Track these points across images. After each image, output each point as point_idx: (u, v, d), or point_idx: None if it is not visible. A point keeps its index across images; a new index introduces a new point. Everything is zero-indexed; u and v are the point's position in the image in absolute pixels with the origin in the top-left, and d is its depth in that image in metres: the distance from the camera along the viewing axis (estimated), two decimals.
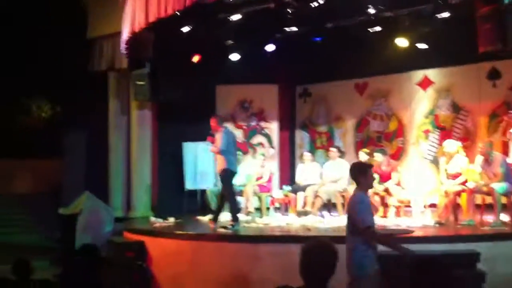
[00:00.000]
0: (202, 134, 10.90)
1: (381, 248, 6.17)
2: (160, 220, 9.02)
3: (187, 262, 7.24)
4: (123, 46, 9.30)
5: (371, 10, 8.66)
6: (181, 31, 8.70)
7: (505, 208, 7.40)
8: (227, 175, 7.95)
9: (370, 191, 8.54)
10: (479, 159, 7.65)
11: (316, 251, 3.06)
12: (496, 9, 6.92)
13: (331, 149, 9.77)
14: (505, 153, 8.14)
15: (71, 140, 11.96)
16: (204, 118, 11.27)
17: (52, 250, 9.66)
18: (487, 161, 7.52)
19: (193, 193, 10.96)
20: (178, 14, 7.77)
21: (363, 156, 9.31)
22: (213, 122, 8.19)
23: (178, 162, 10.86)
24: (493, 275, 5.78)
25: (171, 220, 8.99)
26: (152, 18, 7.99)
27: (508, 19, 6.76)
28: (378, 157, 8.97)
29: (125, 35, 8.91)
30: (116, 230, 9.28)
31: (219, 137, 7.98)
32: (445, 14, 8.36)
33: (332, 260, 3.05)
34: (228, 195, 8.03)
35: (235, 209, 7.98)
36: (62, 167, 12.08)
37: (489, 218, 7.48)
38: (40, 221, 11.72)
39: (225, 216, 8.44)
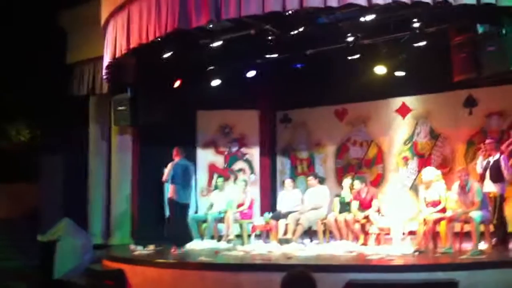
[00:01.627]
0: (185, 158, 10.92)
1: (358, 276, 6.22)
2: (141, 247, 8.93)
3: None
4: (104, 71, 9.30)
5: (350, 38, 8.82)
6: (163, 56, 8.74)
7: (483, 236, 7.48)
8: (171, 204, 8.95)
9: (350, 219, 8.66)
10: (456, 186, 7.75)
11: (294, 282, 3.10)
12: (470, 38, 7.10)
13: (309, 177, 9.81)
14: (482, 180, 8.25)
15: (50, 165, 11.83)
16: (185, 143, 11.33)
17: (30, 276, 9.49)
18: (464, 189, 7.61)
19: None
20: (159, 40, 7.80)
21: (346, 183, 9.35)
22: (174, 152, 9.13)
23: (159, 188, 10.79)
24: None
25: (152, 247, 8.91)
26: (133, 44, 8.00)
27: (481, 48, 6.93)
28: (357, 184, 9.04)
29: (106, 60, 8.91)
30: (95, 258, 9.16)
31: (168, 168, 8.93)
32: (422, 43, 8.55)
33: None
34: (171, 222, 8.98)
35: (176, 235, 8.81)
36: (40, 192, 11.93)
37: (467, 246, 7.54)
38: (18, 246, 11.52)
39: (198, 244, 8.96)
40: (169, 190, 9.02)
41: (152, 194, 10.83)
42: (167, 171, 8.90)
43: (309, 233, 9.38)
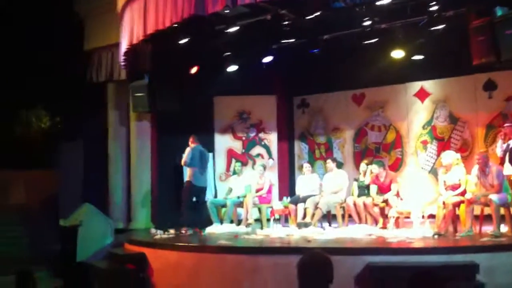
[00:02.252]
0: (201, 145, 10.97)
1: (377, 259, 6.24)
2: (161, 231, 9.03)
3: (187, 274, 7.25)
4: (121, 57, 9.36)
5: (367, 22, 8.76)
6: (179, 42, 8.76)
7: (503, 219, 7.45)
8: (187, 187, 9.37)
9: (369, 203, 8.66)
10: (475, 170, 7.71)
11: (311, 264, 3.15)
12: (488, 22, 7.02)
13: (328, 161, 9.82)
14: (502, 163, 8.20)
15: (70, 151, 11.98)
16: (202, 129, 11.40)
17: (52, 262, 9.65)
18: (484, 172, 7.57)
19: (193, 204, 10.98)
20: (176, 26, 7.83)
21: (363, 167, 9.35)
22: (190, 139, 9.58)
23: (178, 173, 10.88)
24: (493, 286, 5.81)
25: (172, 231, 9.01)
26: (150, 30, 8.04)
27: (500, 31, 6.84)
28: (375, 168, 9.03)
29: (124, 47, 8.97)
30: (117, 242, 9.29)
31: (186, 152, 9.40)
32: (440, 27, 8.47)
33: (327, 269, 3.13)
34: (183, 205, 9.27)
35: (186, 219, 9.12)
36: (61, 178, 12.09)
37: (488, 229, 7.52)
38: (39, 232, 11.70)
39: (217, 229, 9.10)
40: (186, 174, 9.40)
41: (171, 179, 10.94)
42: (186, 154, 9.35)
43: (328, 217, 9.41)
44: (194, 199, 9.57)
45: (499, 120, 9.69)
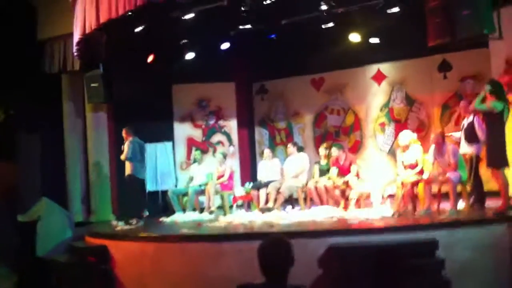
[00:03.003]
0: (160, 134, 10.87)
1: (339, 240, 6.31)
2: (122, 223, 8.91)
3: (150, 264, 7.17)
4: (74, 47, 9.13)
5: (324, 7, 8.78)
6: (134, 31, 8.60)
7: (460, 196, 7.63)
8: (131, 180, 9.19)
9: (330, 185, 8.75)
10: (432, 149, 7.85)
11: (270, 248, 3.17)
12: (444, 3, 7.10)
13: (288, 145, 9.89)
14: (458, 143, 8.38)
15: (27, 144, 11.64)
16: (161, 118, 11.28)
17: (11, 257, 9.42)
18: (440, 151, 7.72)
19: (154, 194, 10.88)
20: (130, 14, 7.67)
21: (322, 151, 9.42)
22: (124, 133, 9.38)
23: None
24: (452, 261, 5.94)
25: (133, 222, 8.90)
26: (103, 19, 7.86)
27: (456, 12, 6.94)
28: (334, 151, 9.13)
29: (77, 36, 8.75)
30: (77, 235, 9.12)
31: (126, 146, 9.19)
32: (396, 9, 8.55)
33: (287, 253, 3.15)
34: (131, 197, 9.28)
35: (133, 209, 9.14)
36: (18, 171, 11.77)
37: (446, 206, 7.69)
38: None
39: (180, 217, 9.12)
40: (127, 167, 9.26)
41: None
42: (127, 148, 9.17)
43: (290, 201, 9.46)
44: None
45: (454, 101, 9.91)
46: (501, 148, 6.83)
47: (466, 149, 7.88)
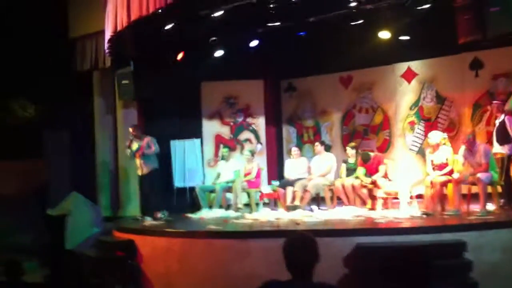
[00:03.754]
0: (189, 131, 10.93)
1: (366, 240, 6.27)
2: (150, 218, 9.00)
3: (177, 260, 7.24)
4: (106, 45, 9.26)
5: (353, 3, 8.72)
6: (164, 28, 8.67)
7: (490, 197, 7.50)
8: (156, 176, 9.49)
9: (357, 184, 8.69)
10: (462, 149, 7.73)
11: (296, 244, 3.16)
12: (473, 0, 6.99)
13: (316, 144, 9.82)
14: (490, 142, 8.24)
15: (56, 140, 11.88)
16: (190, 115, 11.35)
17: (40, 252, 9.61)
18: (471, 151, 7.59)
19: (182, 190, 10.96)
20: (160, 11, 7.74)
21: (350, 151, 9.35)
22: (136, 131, 9.56)
23: (166, 160, 10.84)
24: (480, 264, 5.85)
25: (163, 217, 9.00)
26: (134, 16, 7.96)
27: (486, 9, 6.83)
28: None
29: (108, 34, 8.87)
30: (106, 230, 9.26)
31: (153, 141, 9.44)
32: (426, 6, 8.44)
33: (312, 249, 3.14)
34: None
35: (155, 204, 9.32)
36: (48, 167, 12.00)
37: (475, 207, 7.56)
38: (27, 222, 11.63)
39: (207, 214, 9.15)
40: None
41: (160, 166, 10.86)
42: (153, 143, 9.44)
43: (317, 199, 9.43)
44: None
45: (485, 99, 9.71)
46: None
47: (498, 149, 7.75)
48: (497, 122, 7.85)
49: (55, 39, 11.24)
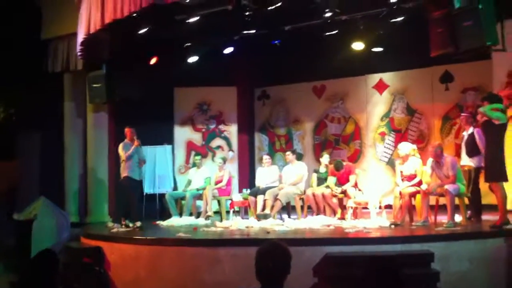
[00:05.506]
0: (160, 137, 10.83)
1: (335, 249, 6.29)
2: (118, 225, 8.88)
3: (145, 267, 7.16)
4: (78, 47, 9.14)
5: (328, 14, 8.78)
6: (138, 32, 8.60)
7: (458, 209, 7.61)
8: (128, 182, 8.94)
9: (328, 194, 8.73)
10: (430, 161, 7.84)
11: (269, 253, 3.14)
12: (447, 13, 7.11)
13: (287, 153, 9.79)
14: (458, 155, 8.37)
15: (26, 143, 11.65)
16: (162, 120, 11.26)
17: (6, 257, 9.39)
18: (438, 163, 7.70)
19: (152, 197, 10.86)
20: (135, 15, 7.68)
21: (325, 159, 9.37)
22: (132, 133, 9.10)
23: None
24: (447, 274, 5.94)
25: (130, 225, 8.87)
26: (108, 19, 7.88)
27: (458, 23, 6.94)
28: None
29: (81, 36, 8.76)
30: (73, 236, 9.10)
31: (135, 147, 8.95)
32: (399, 18, 8.57)
33: (285, 260, 3.14)
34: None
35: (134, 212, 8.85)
36: (16, 170, 11.76)
37: (442, 218, 7.67)
38: None
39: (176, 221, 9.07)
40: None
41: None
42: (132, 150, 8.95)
43: (288, 208, 9.43)
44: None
45: (455, 112, 9.90)
46: (500, 162, 6.81)
47: (466, 161, 7.88)
48: (466, 134, 7.98)
49: (27, 40, 11.04)
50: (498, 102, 6.93)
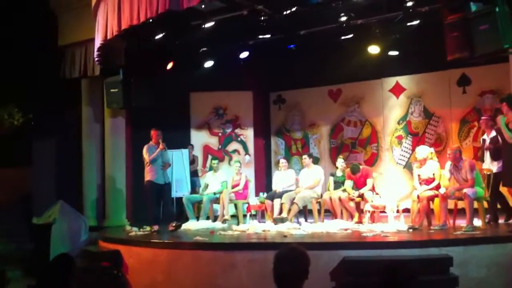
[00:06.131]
0: (177, 141, 10.88)
1: (353, 253, 6.27)
2: (136, 229, 8.93)
3: (163, 271, 7.19)
4: (95, 53, 9.22)
5: (343, 18, 8.78)
6: (155, 38, 8.67)
7: (477, 212, 7.54)
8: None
9: (345, 197, 8.70)
10: (448, 164, 7.78)
11: (288, 258, 3.13)
12: (462, 17, 7.05)
13: (304, 156, 9.79)
14: (476, 158, 8.30)
15: (43, 148, 11.78)
16: (179, 125, 11.32)
17: (25, 261, 9.48)
18: (456, 167, 7.64)
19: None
20: (151, 21, 7.73)
21: (341, 163, 9.35)
22: (159, 136, 8.98)
23: None
24: (466, 279, 5.87)
25: (147, 228, 8.92)
26: (124, 25, 7.92)
27: (474, 27, 6.89)
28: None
29: (98, 42, 8.84)
30: (91, 239, 9.17)
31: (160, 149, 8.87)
32: (415, 22, 8.53)
33: (304, 265, 3.12)
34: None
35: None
36: (34, 175, 11.89)
37: (461, 222, 7.60)
38: (12, 230, 11.50)
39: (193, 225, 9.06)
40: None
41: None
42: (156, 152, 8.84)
43: (304, 212, 9.42)
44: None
45: (472, 115, 9.84)
46: None
47: (487, 165, 7.80)
48: (487, 138, 7.90)
49: (44, 47, 11.18)
50: None
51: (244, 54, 10.24)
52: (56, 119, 11.19)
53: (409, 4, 8.20)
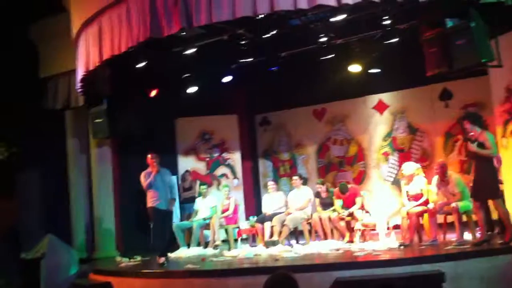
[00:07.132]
0: (165, 168, 10.82)
1: (345, 274, 6.24)
2: (126, 259, 8.85)
3: None
4: (78, 84, 9.21)
5: (323, 38, 8.87)
6: (137, 66, 8.68)
7: (466, 226, 7.57)
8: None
9: (335, 217, 8.70)
10: (435, 179, 7.82)
11: (276, 284, 3.12)
12: (440, 33, 7.17)
13: (293, 177, 9.80)
14: (463, 171, 8.36)
15: (29, 181, 11.64)
16: (165, 151, 11.26)
17: None
18: (443, 181, 7.68)
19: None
20: (132, 50, 7.75)
21: (320, 188, 9.36)
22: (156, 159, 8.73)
23: (141, 198, 10.70)
24: None
25: (138, 258, 8.84)
26: (106, 55, 7.93)
27: (451, 42, 6.99)
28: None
29: (80, 73, 8.83)
30: (82, 272, 9.05)
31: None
32: (394, 40, 8.64)
33: None
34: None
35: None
36: (20, 209, 11.74)
37: (452, 236, 7.62)
38: (0, 265, 11.32)
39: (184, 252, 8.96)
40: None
41: (135, 205, 10.74)
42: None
43: (295, 233, 9.39)
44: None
45: (456, 129, 9.92)
46: (492, 180, 6.80)
47: None
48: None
49: (26, 79, 11.12)
50: (479, 122, 6.97)
51: (227, 79, 10.28)
52: (42, 151, 11.10)
53: (387, 22, 8.30)
